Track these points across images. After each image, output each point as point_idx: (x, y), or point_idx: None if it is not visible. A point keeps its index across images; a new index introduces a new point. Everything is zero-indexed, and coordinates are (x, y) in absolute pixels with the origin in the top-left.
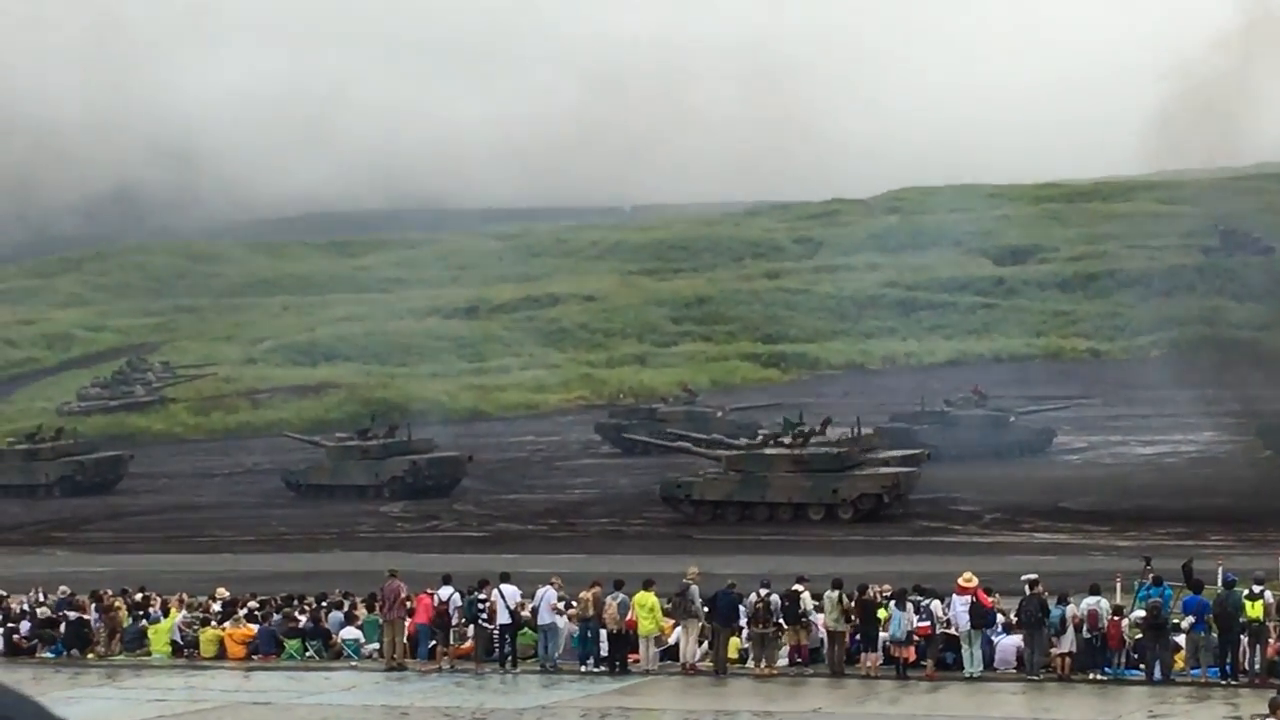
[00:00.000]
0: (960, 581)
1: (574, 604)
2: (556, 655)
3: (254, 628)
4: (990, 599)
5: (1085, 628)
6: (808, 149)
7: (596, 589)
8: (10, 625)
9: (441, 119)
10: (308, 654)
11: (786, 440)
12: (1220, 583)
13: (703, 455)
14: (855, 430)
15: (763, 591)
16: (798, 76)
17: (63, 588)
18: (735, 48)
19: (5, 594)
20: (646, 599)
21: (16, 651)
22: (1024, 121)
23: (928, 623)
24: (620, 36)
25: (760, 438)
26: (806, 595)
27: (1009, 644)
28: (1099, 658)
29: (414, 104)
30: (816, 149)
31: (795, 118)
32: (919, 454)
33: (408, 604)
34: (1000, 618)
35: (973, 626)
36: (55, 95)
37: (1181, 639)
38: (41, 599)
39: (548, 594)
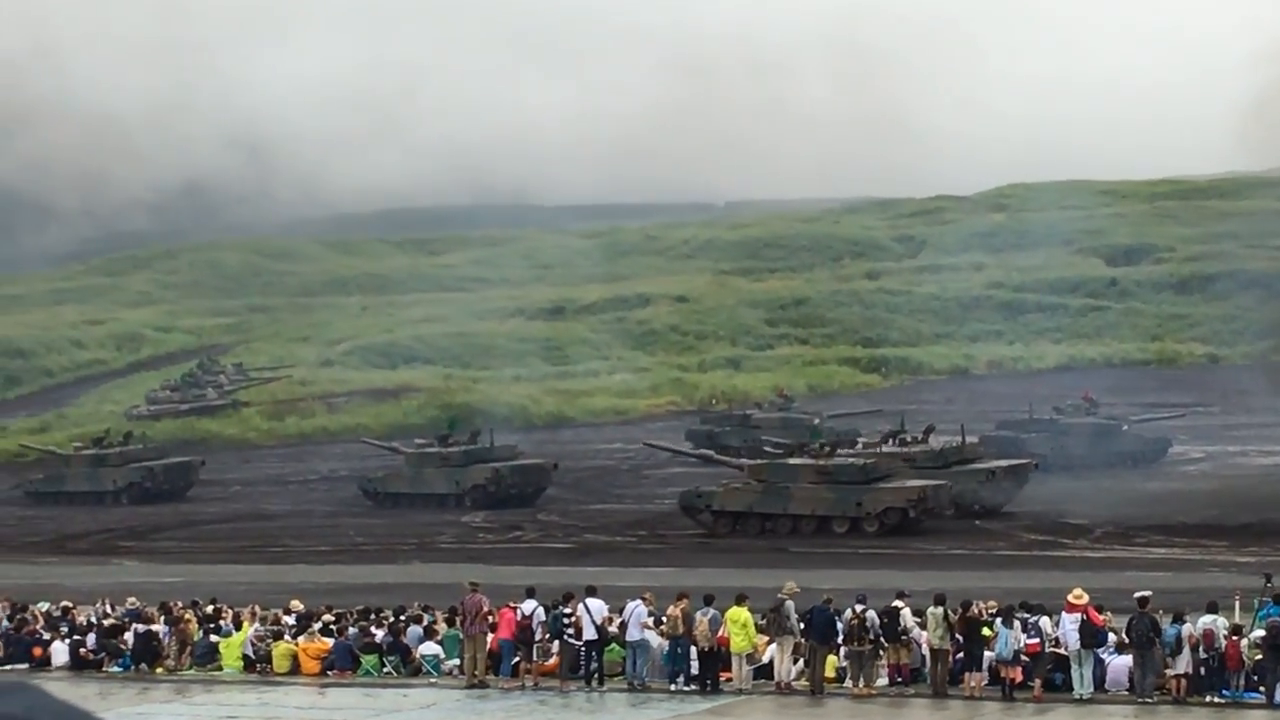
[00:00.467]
0: (1070, 598)
1: (664, 619)
2: (645, 673)
3: (329, 642)
4: (1101, 617)
5: (1201, 648)
6: (908, 143)
7: (685, 603)
8: (77, 638)
9: (525, 110)
10: (385, 670)
11: (814, 449)
12: None
13: (727, 465)
14: (960, 439)
15: (858, 607)
16: (893, 68)
17: (131, 599)
18: (826, 37)
19: (71, 605)
20: (740, 615)
21: (83, 665)
22: (1136, 115)
23: (1036, 640)
24: (707, 25)
25: (784, 448)
26: (907, 611)
27: (1120, 664)
28: (1215, 680)
29: (495, 95)
30: (917, 143)
31: (893, 111)
32: (1025, 463)
33: (490, 618)
34: (1111, 637)
35: (1083, 646)
36: (121, 86)
37: None
38: (109, 610)
39: (638, 609)
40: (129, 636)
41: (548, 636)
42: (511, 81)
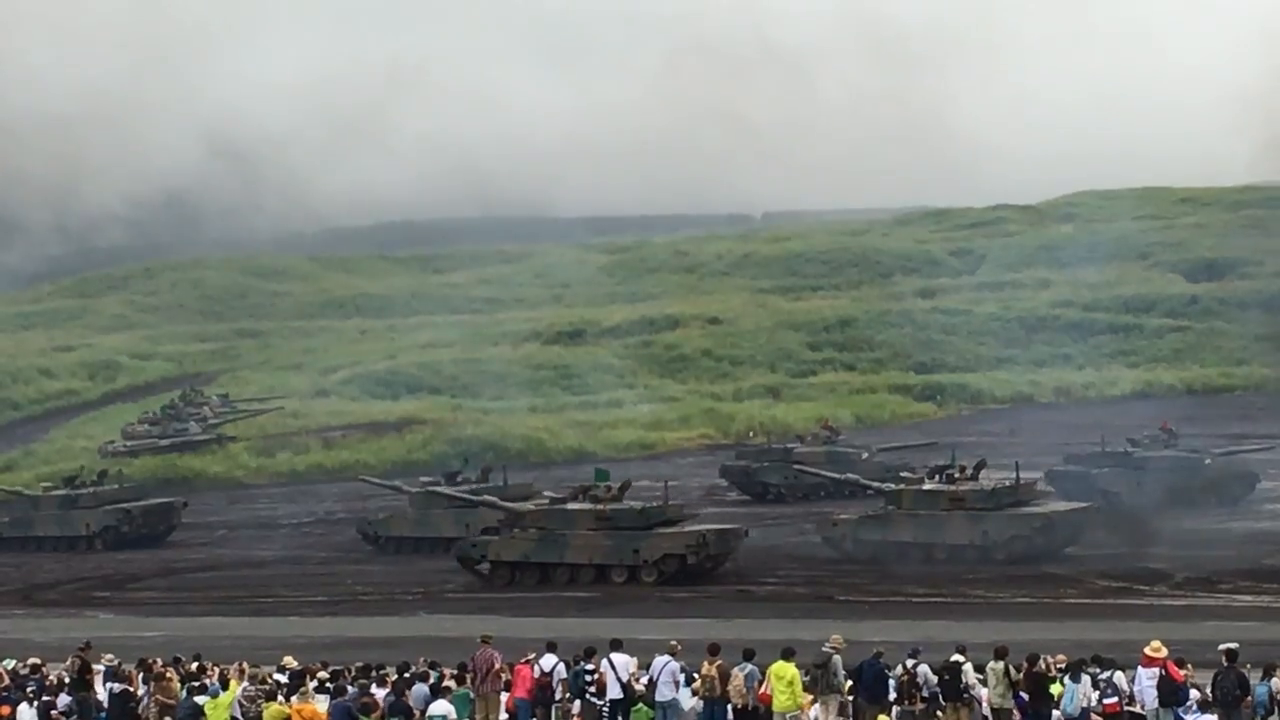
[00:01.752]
0: (1147, 651)
1: (695, 676)
2: None
3: (325, 702)
4: (1182, 672)
5: None
6: (963, 148)
7: (719, 661)
8: (46, 699)
9: (540, 114)
10: None
11: (596, 494)
12: None
13: (506, 509)
14: (1015, 476)
15: (910, 663)
16: (936, 66)
17: (107, 656)
18: (865, 34)
19: (40, 662)
20: (786, 671)
21: None
22: (1218, 115)
23: (1114, 699)
24: (737, 22)
25: (563, 494)
26: (969, 667)
27: None
28: None
29: (507, 96)
30: (972, 148)
31: (941, 112)
32: (1086, 506)
33: (504, 676)
34: (1194, 694)
35: (1161, 704)
36: (95, 89)
37: None
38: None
39: (668, 665)
40: (103, 696)
41: (568, 696)
42: (526, 81)
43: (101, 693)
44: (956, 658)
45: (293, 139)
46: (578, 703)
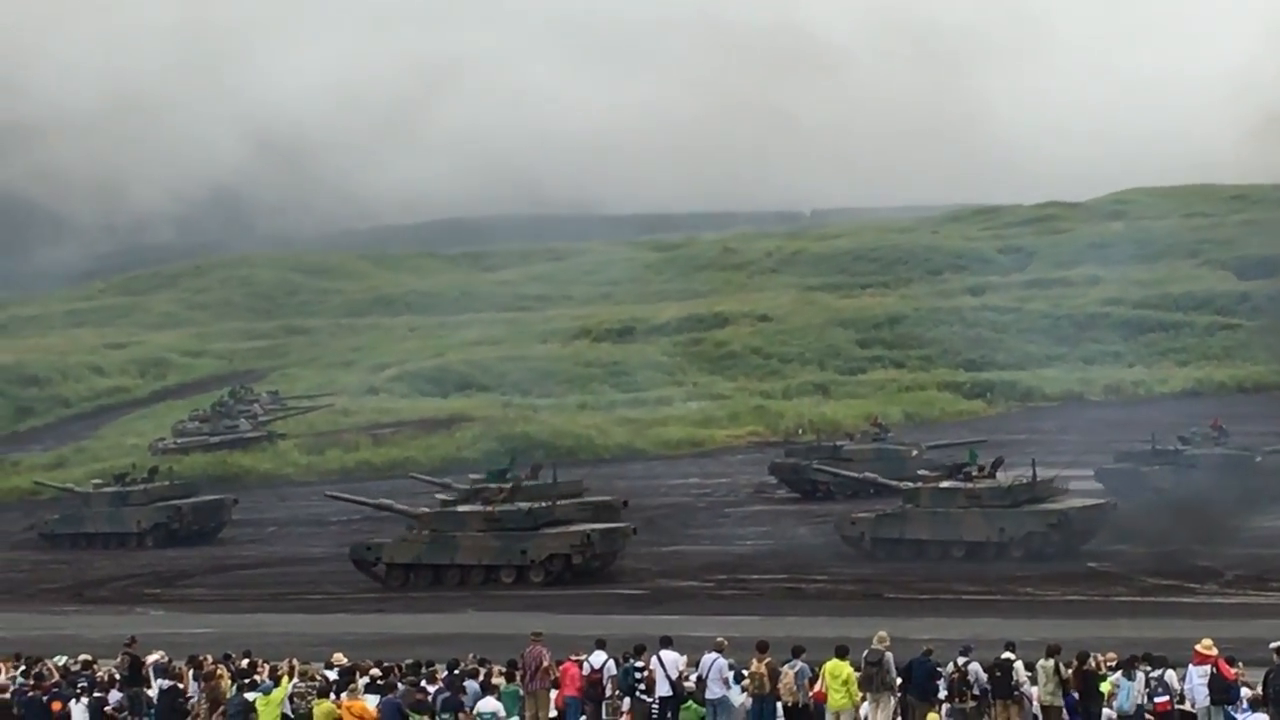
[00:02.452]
0: (1198, 649)
1: (744, 673)
2: None
3: (375, 699)
4: (1233, 670)
5: None
6: (1014, 146)
7: (769, 658)
8: (98, 695)
9: (589, 112)
10: None
11: (495, 490)
12: None
13: (405, 515)
14: (1031, 473)
15: (960, 660)
16: (993, 64)
17: (157, 652)
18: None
19: (91, 659)
20: (841, 669)
21: None
22: (1269, 111)
23: (1165, 698)
24: (782, 20)
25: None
26: (1020, 665)
27: None
28: None
29: (556, 94)
30: (1024, 146)
31: (994, 111)
32: (1102, 504)
33: (552, 673)
34: (1245, 692)
35: (1213, 702)
36: (143, 88)
37: None
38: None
39: (717, 662)
40: (153, 693)
41: (618, 693)
42: (575, 79)
43: (153, 689)
44: (1007, 655)
45: (338, 137)
46: (627, 700)
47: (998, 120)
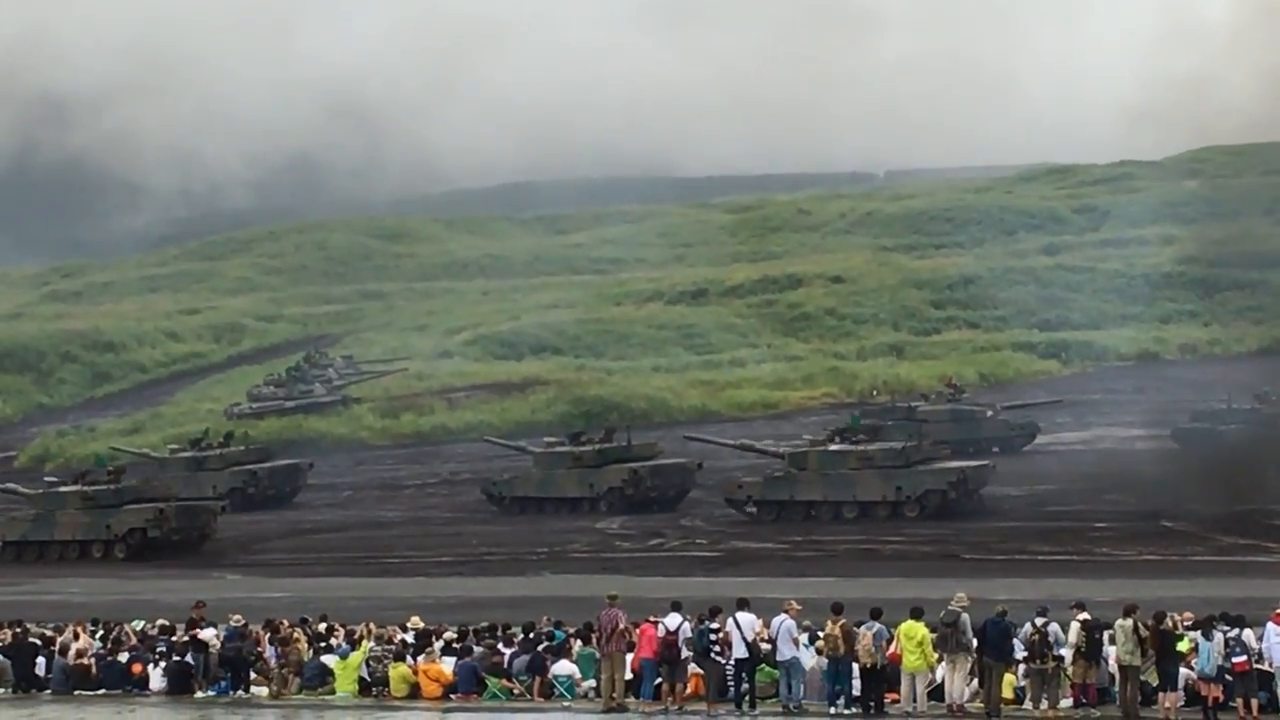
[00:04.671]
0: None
1: (819, 635)
2: (801, 695)
3: (451, 662)
4: None
5: None
6: (1085, 103)
7: (844, 621)
8: (177, 659)
9: (661, 73)
10: (515, 693)
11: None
12: None
13: (20, 494)
14: (919, 436)
15: (1039, 621)
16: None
17: (234, 617)
18: None
19: (169, 623)
20: (916, 630)
21: (182, 688)
22: None
23: (1244, 657)
24: None
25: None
26: (1056, 626)
27: None
28: None
29: (627, 55)
30: (1098, 105)
31: (1068, 69)
32: (987, 464)
33: (628, 635)
34: None
35: None
36: (216, 52)
37: None
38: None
39: (785, 624)
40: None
41: (693, 655)
42: (647, 40)
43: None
44: (1083, 616)
45: (409, 99)
46: (703, 662)
47: (1071, 80)
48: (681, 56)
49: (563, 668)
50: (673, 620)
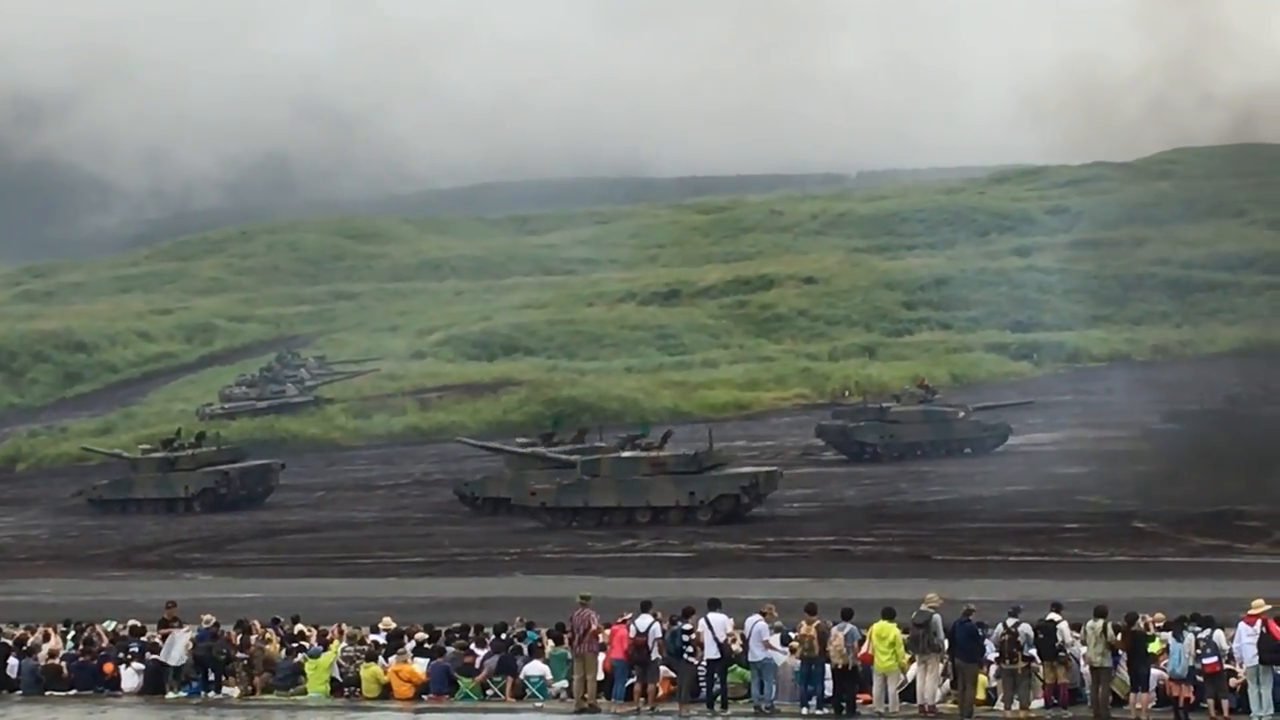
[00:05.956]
0: (1251, 610)
1: (793, 635)
2: (773, 696)
3: (423, 663)
4: None
5: None
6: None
7: (819, 622)
8: (151, 658)
9: (633, 74)
10: (488, 693)
11: None
12: None
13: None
14: (709, 443)
15: (1010, 621)
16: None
17: (206, 617)
18: None
19: (140, 624)
20: (888, 631)
21: (154, 689)
22: None
23: (1214, 658)
24: None
25: None
26: (1065, 626)
27: None
28: None
29: (601, 58)
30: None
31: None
32: (775, 470)
33: (600, 636)
34: None
35: (1261, 662)
36: (186, 53)
37: None
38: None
39: (757, 625)
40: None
41: (665, 656)
42: (620, 43)
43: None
44: (1052, 616)
45: (384, 101)
46: (675, 663)
47: (1039, 80)
48: (652, 59)
49: (534, 668)
50: (643, 621)
